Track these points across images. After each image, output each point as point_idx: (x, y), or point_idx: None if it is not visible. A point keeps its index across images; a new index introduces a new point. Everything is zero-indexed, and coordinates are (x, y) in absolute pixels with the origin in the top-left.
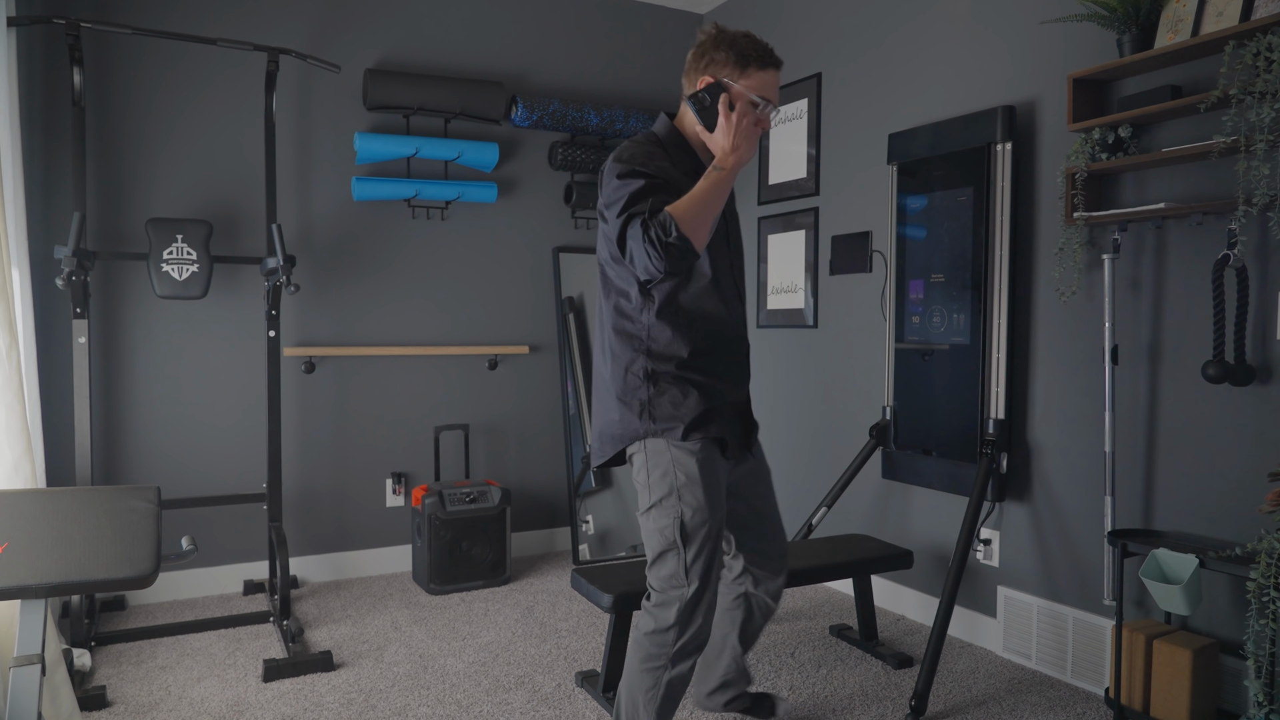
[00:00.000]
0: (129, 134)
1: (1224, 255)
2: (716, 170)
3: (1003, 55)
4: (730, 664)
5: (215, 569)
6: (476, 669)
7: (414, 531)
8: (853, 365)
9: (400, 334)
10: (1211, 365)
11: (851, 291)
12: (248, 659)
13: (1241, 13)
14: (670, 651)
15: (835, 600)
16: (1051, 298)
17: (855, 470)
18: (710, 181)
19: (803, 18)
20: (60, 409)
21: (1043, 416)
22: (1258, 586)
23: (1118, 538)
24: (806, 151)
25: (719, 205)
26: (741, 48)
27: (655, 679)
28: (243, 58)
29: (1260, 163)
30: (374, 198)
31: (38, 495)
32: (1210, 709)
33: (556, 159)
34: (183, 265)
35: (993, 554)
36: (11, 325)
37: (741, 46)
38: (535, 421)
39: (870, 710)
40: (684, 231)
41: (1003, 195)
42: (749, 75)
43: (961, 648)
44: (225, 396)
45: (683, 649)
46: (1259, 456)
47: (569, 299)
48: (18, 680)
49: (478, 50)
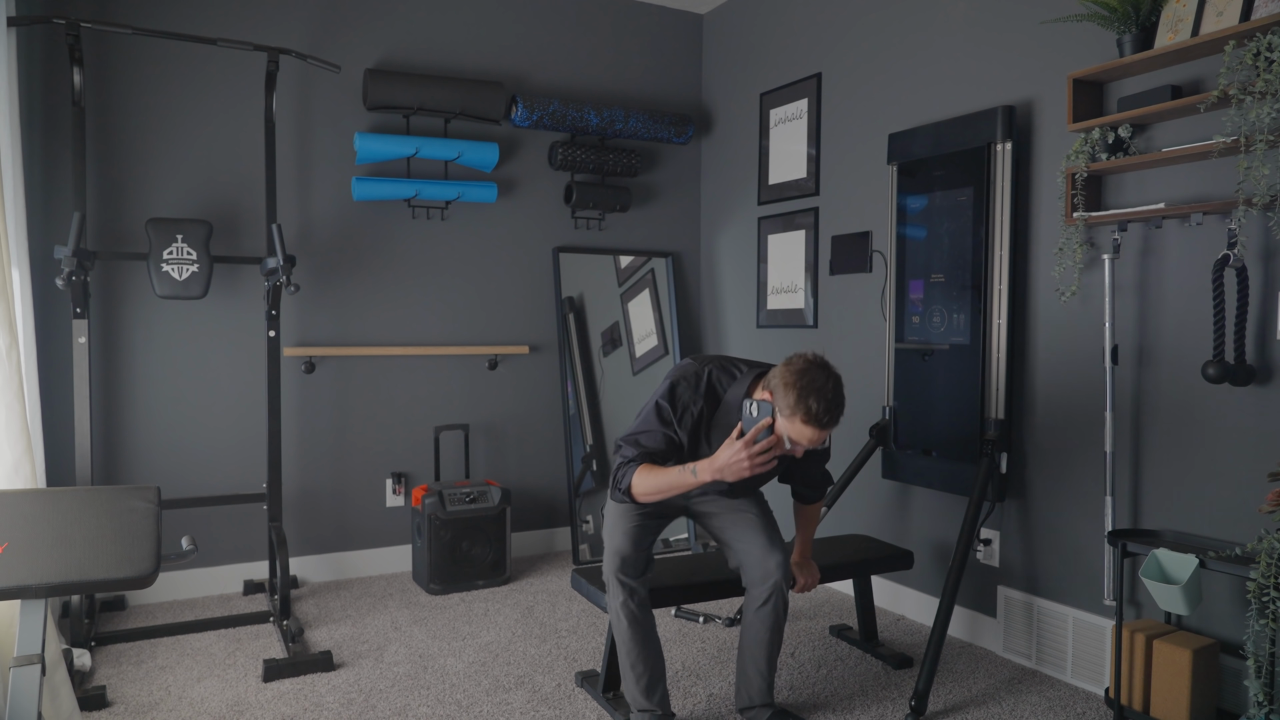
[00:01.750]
0: (129, 134)
1: (1224, 255)
2: (692, 474)
3: (1002, 55)
4: (750, 677)
5: (215, 569)
6: (476, 669)
7: (414, 531)
8: (853, 365)
9: (400, 334)
10: (1211, 365)
11: (851, 291)
12: (248, 659)
13: (1241, 13)
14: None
15: (835, 600)
16: (1051, 298)
17: (855, 470)
18: (679, 477)
19: (803, 18)
20: (60, 409)
21: (1043, 416)
22: (1258, 586)
23: (1118, 538)
24: (806, 151)
25: (677, 492)
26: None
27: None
28: (243, 58)
29: (1260, 163)
30: (374, 198)
31: (38, 495)
32: (1210, 709)
33: (556, 159)
34: (183, 265)
35: (993, 554)
36: (11, 325)
37: (804, 400)
38: (535, 421)
39: (870, 710)
40: (633, 494)
41: (1002, 195)
42: (794, 423)
43: (961, 648)
44: (225, 396)
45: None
46: (1259, 456)
47: (569, 299)
48: (18, 680)
49: (478, 50)
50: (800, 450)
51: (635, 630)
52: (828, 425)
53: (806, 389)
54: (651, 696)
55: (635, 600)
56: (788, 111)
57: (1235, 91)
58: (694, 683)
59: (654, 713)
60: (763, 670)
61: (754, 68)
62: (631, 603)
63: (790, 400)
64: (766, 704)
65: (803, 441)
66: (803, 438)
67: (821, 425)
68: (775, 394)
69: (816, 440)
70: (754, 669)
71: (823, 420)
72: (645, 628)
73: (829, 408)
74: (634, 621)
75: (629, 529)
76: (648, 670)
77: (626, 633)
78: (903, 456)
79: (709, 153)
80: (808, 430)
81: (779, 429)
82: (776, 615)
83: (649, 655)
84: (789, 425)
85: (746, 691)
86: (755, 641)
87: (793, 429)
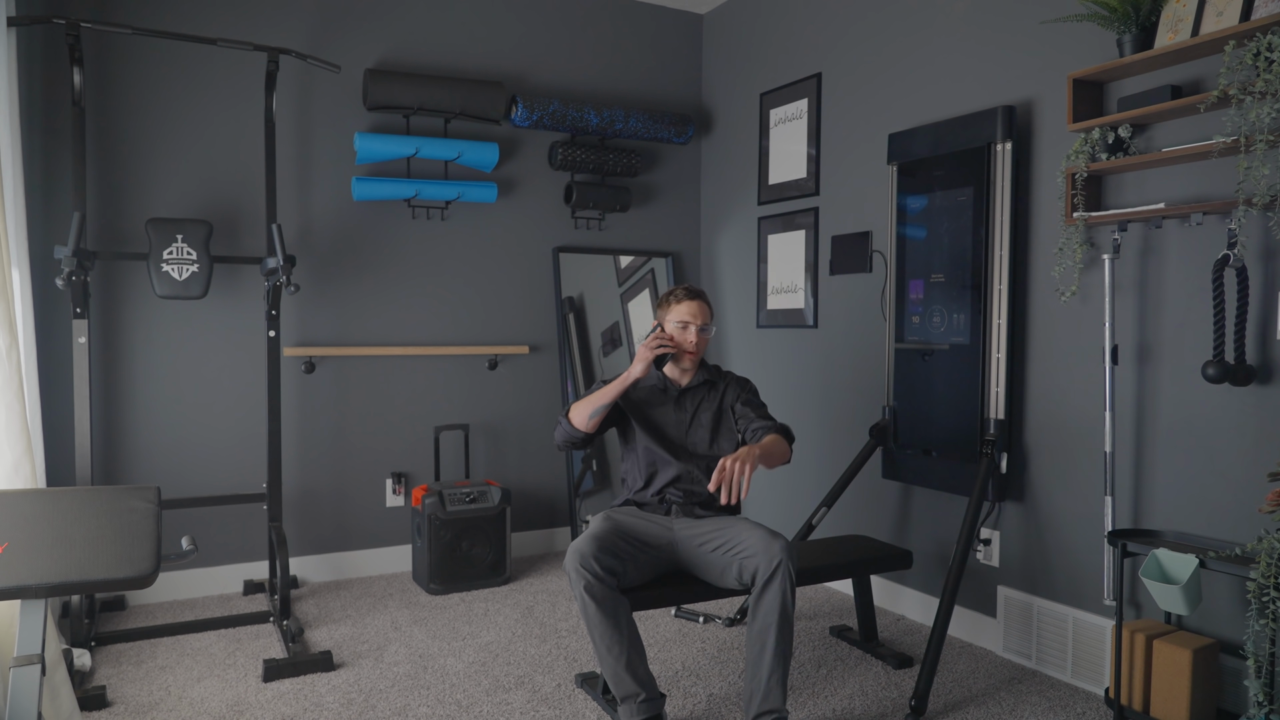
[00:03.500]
0: (129, 134)
1: (1224, 255)
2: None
3: (1002, 55)
4: (761, 679)
5: (215, 569)
6: (476, 669)
7: (414, 531)
8: (853, 365)
9: (400, 334)
10: (1211, 365)
11: (851, 291)
12: (248, 659)
13: (1241, 13)
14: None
15: (835, 600)
16: (1051, 298)
17: (855, 470)
18: (602, 388)
19: (803, 18)
20: (60, 409)
21: (1043, 416)
22: (1258, 586)
23: (1118, 538)
24: (806, 151)
25: (608, 397)
26: (667, 295)
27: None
28: (243, 58)
29: (1260, 163)
30: (374, 198)
31: (38, 495)
32: (1210, 709)
33: (556, 159)
34: (183, 265)
35: (993, 554)
36: (11, 325)
37: (669, 295)
38: (535, 421)
39: (870, 710)
40: (571, 418)
41: (1002, 195)
42: (671, 312)
43: (961, 648)
44: (225, 396)
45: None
46: (1259, 456)
47: (569, 299)
48: (18, 680)
49: (478, 50)
50: (692, 333)
51: (603, 611)
52: (694, 296)
53: (669, 290)
54: (634, 673)
55: (599, 583)
56: (788, 111)
57: (1235, 91)
58: (694, 683)
59: (638, 695)
60: (775, 671)
61: (754, 68)
62: (596, 584)
63: (664, 304)
64: (776, 710)
65: (686, 318)
66: (682, 314)
67: (689, 296)
68: (657, 316)
69: (694, 313)
70: (765, 670)
71: (687, 293)
72: (612, 607)
73: (687, 287)
74: (600, 602)
75: (597, 532)
76: (624, 651)
77: (595, 615)
78: (903, 456)
79: (709, 153)
80: (682, 306)
81: (668, 329)
82: (784, 597)
83: (622, 636)
84: (672, 315)
85: (756, 697)
86: (764, 628)
87: (673, 314)
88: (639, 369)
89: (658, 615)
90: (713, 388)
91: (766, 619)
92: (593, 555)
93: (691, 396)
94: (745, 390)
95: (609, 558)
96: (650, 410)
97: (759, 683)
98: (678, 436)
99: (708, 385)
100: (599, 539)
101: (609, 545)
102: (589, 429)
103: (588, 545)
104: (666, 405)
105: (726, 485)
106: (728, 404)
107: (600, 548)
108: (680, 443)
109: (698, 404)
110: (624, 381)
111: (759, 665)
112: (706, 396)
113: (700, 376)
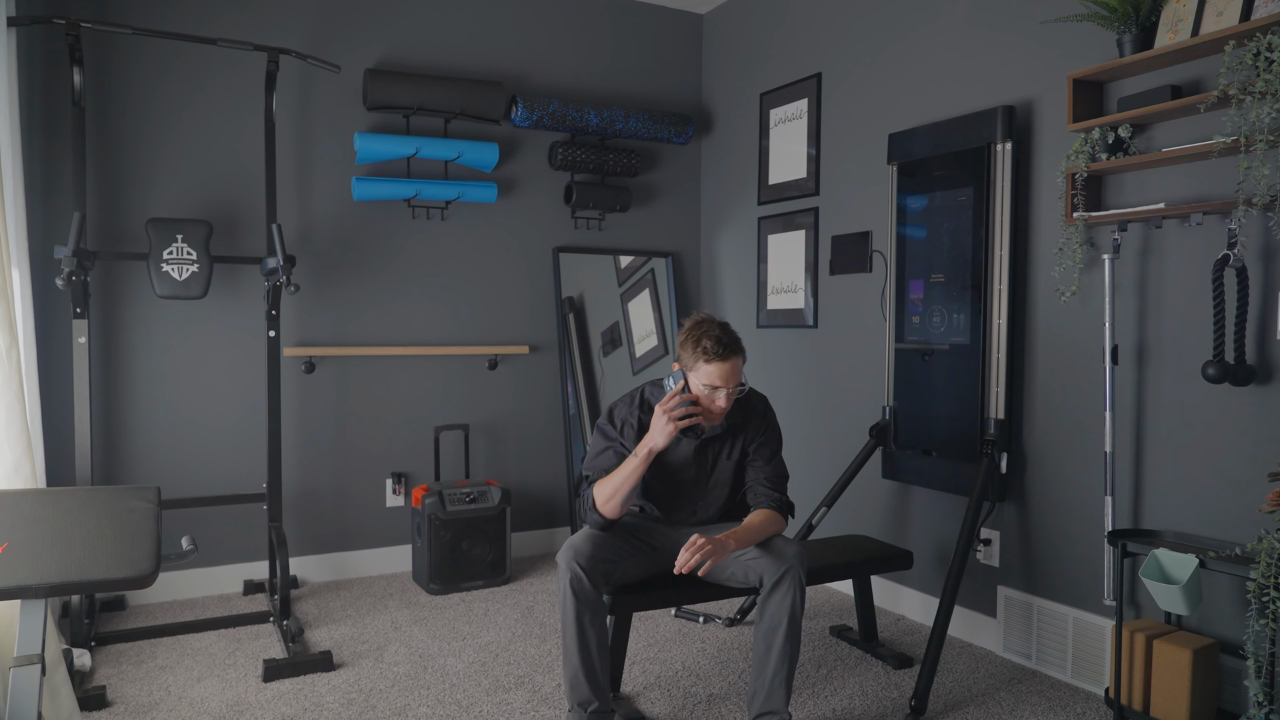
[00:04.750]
0: (129, 134)
1: (1224, 255)
2: (633, 456)
3: (1002, 55)
4: (766, 680)
5: (215, 569)
6: (476, 669)
7: (414, 531)
8: (853, 365)
9: (400, 334)
10: (1211, 365)
11: (851, 291)
12: (248, 659)
13: (1241, 13)
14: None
15: (835, 600)
16: (1051, 298)
17: (855, 470)
18: (624, 466)
19: (803, 18)
20: (60, 409)
21: (1042, 416)
22: (1258, 586)
23: (1118, 538)
24: (806, 151)
25: (632, 480)
26: (698, 346)
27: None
28: (243, 58)
29: (1260, 163)
30: (374, 198)
31: (38, 495)
32: (1210, 709)
33: (556, 159)
34: (183, 265)
35: (993, 554)
36: (11, 325)
37: (698, 345)
38: (535, 421)
39: (870, 710)
40: (599, 509)
41: (1002, 195)
42: (699, 368)
43: (961, 648)
44: (225, 396)
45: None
46: (1259, 456)
47: (569, 299)
48: (18, 680)
49: (478, 50)
50: (721, 398)
51: (580, 610)
52: (727, 355)
53: (698, 336)
54: (593, 679)
55: (584, 582)
56: (788, 111)
57: (1235, 91)
58: (694, 683)
59: (590, 703)
60: (780, 672)
61: (754, 68)
62: (581, 582)
63: (689, 351)
64: (778, 712)
65: (716, 382)
66: (713, 378)
67: (720, 356)
68: (680, 359)
69: (726, 376)
70: (770, 671)
71: (718, 351)
72: (591, 609)
73: (719, 340)
74: (580, 600)
75: (596, 533)
76: (591, 655)
77: (572, 612)
78: (903, 456)
79: (709, 153)
80: (712, 368)
81: (694, 388)
82: (794, 600)
83: (589, 640)
84: (698, 374)
85: (759, 696)
86: (771, 629)
87: (701, 374)
88: (661, 440)
89: (658, 615)
90: (734, 433)
91: (774, 619)
92: (587, 554)
93: (713, 447)
94: (763, 431)
95: (603, 560)
96: (666, 456)
97: (763, 682)
98: (692, 497)
99: (730, 431)
100: (596, 540)
101: (606, 546)
102: (620, 516)
103: (584, 544)
104: (687, 456)
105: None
106: (747, 446)
107: (596, 548)
108: (692, 505)
109: (718, 456)
110: (646, 459)
111: (764, 665)
112: (728, 444)
113: (724, 423)
